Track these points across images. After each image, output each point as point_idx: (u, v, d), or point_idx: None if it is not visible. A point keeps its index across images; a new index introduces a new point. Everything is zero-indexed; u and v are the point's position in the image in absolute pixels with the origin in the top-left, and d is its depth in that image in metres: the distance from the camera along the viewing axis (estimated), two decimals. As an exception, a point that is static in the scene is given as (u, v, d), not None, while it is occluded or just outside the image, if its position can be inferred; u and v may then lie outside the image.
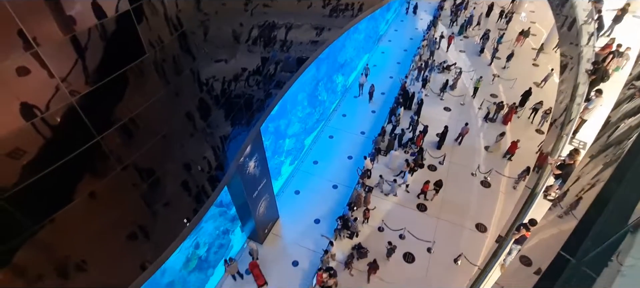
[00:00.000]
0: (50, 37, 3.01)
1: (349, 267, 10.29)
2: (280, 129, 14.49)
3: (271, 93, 8.29)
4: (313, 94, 16.46)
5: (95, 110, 3.64)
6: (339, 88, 18.56)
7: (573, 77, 11.12)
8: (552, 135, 10.78)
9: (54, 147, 3.40)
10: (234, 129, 6.98)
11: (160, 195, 5.21)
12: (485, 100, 16.97)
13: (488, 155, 14.45)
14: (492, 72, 18.98)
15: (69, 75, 3.26)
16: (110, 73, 3.63)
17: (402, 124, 15.70)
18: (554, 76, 17.83)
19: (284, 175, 14.07)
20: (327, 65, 17.46)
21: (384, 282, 10.41)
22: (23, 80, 2.95)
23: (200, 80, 5.33)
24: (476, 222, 12.02)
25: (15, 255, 3.44)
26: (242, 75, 6.69)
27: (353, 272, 10.63)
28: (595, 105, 8.44)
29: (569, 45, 13.46)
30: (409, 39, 22.91)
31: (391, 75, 19.67)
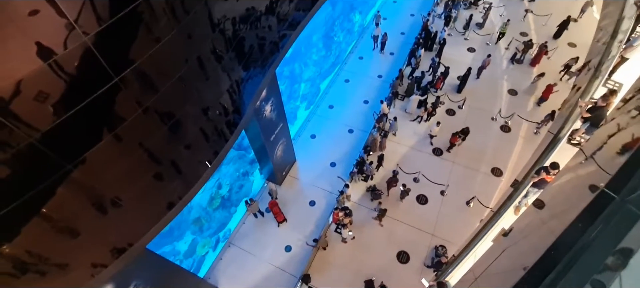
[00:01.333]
0: (55, -28, 2.88)
1: (379, 219, 10.67)
2: (295, 72, 14.18)
3: (285, 33, 7.94)
4: (328, 35, 15.70)
5: (110, 51, 3.60)
6: (356, 28, 17.57)
7: (618, 9, 9.97)
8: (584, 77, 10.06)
9: (74, 89, 3.45)
10: (249, 71, 6.85)
11: (181, 138, 5.37)
12: (514, 39, 15.73)
13: (511, 99, 13.82)
14: (524, 7, 17.28)
15: (80, 14, 3.17)
16: (119, 10, 3.51)
17: (422, 66, 14.98)
18: (593, 10, 16.10)
19: (300, 119, 14.12)
20: (344, 2, 16.32)
21: (396, 221, 10.87)
22: (35, 20, 2.90)
23: (212, 19, 5.11)
24: (492, 166, 11.96)
25: (54, 193, 3.73)
26: (255, 15, 6.36)
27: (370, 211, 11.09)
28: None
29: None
30: (434, -29, 20.80)
31: (412, 12, 18.31)
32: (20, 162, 3.31)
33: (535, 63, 14.69)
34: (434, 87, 14.06)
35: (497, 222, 7.32)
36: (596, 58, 9.69)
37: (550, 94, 12.99)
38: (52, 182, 3.65)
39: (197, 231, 11.10)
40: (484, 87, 14.26)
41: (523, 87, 14.19)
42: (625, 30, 8.67)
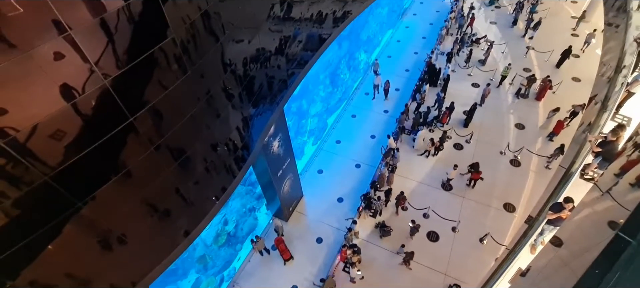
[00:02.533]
0: (81, 22, 3.10)
1: (407, 264, 10.29)
2: (303, 108, 14.49)
3: (294, 72, 8.24)
4: (335, 73, 16.21)
5: (127, 92, 3.76)
6: (362, 66, 18.14)
7: (619, 46, 10.18)
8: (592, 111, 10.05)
9: (91, 128, 3.57)
10: (258, 108, 7.04)
11: (190, 174, 5.42)
12: (518, 74, 15.99)
13: (518, 133, 13.77)
14: (526, 45, 17.75)
15: (100, 58, 3.37)
16: (139, 55, 3.72)
17: (428, 101, 15.20)
18: (596, 44, 16.43)
19: (307, 154, 14.19)
20: (350, 42, 17.02)
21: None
22: (59, 64, 3.08)
23: (224, 60, 5.36)
24: (504, 201, 11.64)
25: (63, 229, 3.74)
26: (265, 55, 6.66)
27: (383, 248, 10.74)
28: (645, 79, 7.73)
29: (615, 11, 12.26)
30: (435, 12, 21.78)
31: (416, 50, 18.92)
32: (31, 200, 3.36)
33: (541, 97, 14.78)
34: (440, 122, 14.14)
35: (514, 261, 6.98)
36: (602, 92, 9.74)
37: (561, 130, 12.94)
38: (60, 220, 3.67)
39: (201, 269, 10.81)
40: (491, 122, 14.29)
41: (530, 121, 14.18)
42: (628, 65, 8.78)
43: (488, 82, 14.67)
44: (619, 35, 10.87)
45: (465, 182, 12.18)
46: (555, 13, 19.69)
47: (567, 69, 16.03)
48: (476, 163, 11.70)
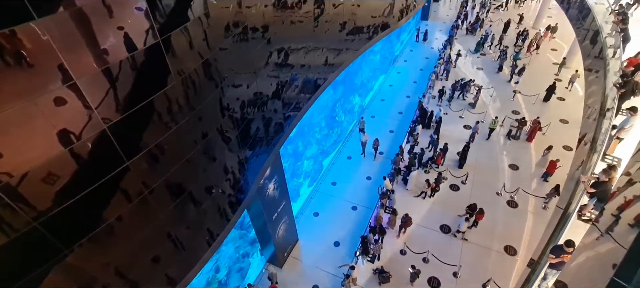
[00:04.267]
0: (85, 70, 3.22)
1: None
2: (299, 150, 14.58)
3: (290, 115, 8.43)
4: (330, 115, 16.58)
5: (125, 137, 3.80)
6: (356, 108, 18.63)
7: (600, 90, 10.68)
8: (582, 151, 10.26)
9: (86, 173, 3.55)
10: (255, 151, 7.08)
11: (183, 218, 5.29)
12: (507, 117, 16.51)
13: (513, 174, 13.88)
14: (512, 89, 18.55)
15: (101, 103, 3.45)
16: (140, 101, 3.81)
17: (422, 143, 15.45)
18: (578, 88, 17.22)
19: (303, 196, 14.01)
20: (344, 86, 17.65)
21: (409, 309, 9.93)
22: (60, 109, 3.14)
23: (223, 105, 5.50)
24: (505, 244, 11.39)
25: (45, 278, 3.54)
26: (263, 99, 6.86)
27: (375, 298, 10.21)
28: (631, 124, 8.02)
29: (593, 58, 13.05)
30: (425, 59, 22.95)
31: (408, 94, 19.61)
32: (16, 246, 3.23)
33: (531, 138, 15.14)
34: (435, 163, 14.25)
35: (519, 308, 6.66)
36: (590, 133, 10.02)
37: (554, 169, 13.09)
38: (44, 268, 3.50)
39: (189, 322, 10.09)
40: (485, 163, 14.44)
41: (523, 161, 14.38)
42: (611, 107, 9.15)
43: (477, 120, 15.18)
44: (599, 80, 11.46)
45: (465, 224, 11.99)
46: (538, 60, 20.87)
47: (554, 111, 16.62)
48: (474, 204, 11.62)
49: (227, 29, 5.19)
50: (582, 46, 15.02)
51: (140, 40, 3.62)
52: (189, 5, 4.18)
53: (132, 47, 3.54)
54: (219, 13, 4.88)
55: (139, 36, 3.59)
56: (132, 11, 3.48)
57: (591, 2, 14.17)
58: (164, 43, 3.86)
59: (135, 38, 3.56)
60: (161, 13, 3.77)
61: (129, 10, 3.46)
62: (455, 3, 30.41)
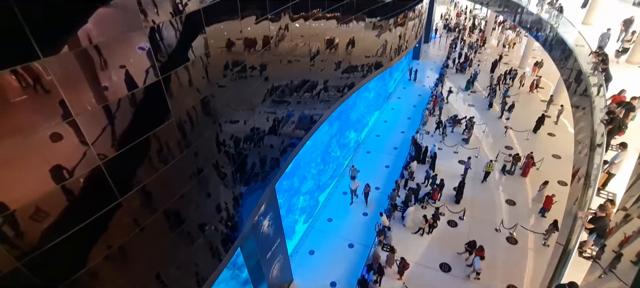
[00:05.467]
0: (85, 106, 3.26)
1: None
2: (294, 186, 14.45)
3: (286, 150, 8.46)
4: (326, 151, 16.66)
5: (120, 172, 3.76)
6: (352, 144, 18.80)
7: (589, 126, 10.98)
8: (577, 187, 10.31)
9: (75, 211, 3.46)
10: (250, 187, 7.01)
11: (173, 258, 5.10)
12: (501, 152, 16.73)
13: (510, 209, 13.78)
14: (504, 125, 18.98)
15: (98, 139, 3.45)
16: (136, 137, 3.83)
17: (418, 178, 15.44)
18: (567, 124, 17.67)
19: (298, 233, 13.65)
20: (340, 122, 17.94)
21: None
22: (56, 145, 3.13)
23: (219, 140, 5.53)
24: (507, 283, 11.02)
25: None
26: (259, 135, 6.91)
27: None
28: (621, 159, 8.17)
29: (578, 96, 13.55)
30: (418, 96, 23.63)
31: (402, 130, 19.94)
32: None
33: (526, 173, 15.24)
34: (431, 199, 14.15)
35: None
36: (583, 168, 10.14)
37: (551, 204, 13.05)
38: (23, 313, 3.29)
39: None
40: (482, 198, 14.38)
41: (520, 197, 14.35)
42: (601, 143, 9.35)
43: (469, 156, 15.37)
44: (586, 116, 11.82)
45: (465, 262, 11.68)
46: (527, 97, 21.59)
47: (546, 146, 16.91)
48: (473, 241, 11.40)
49: (226, 67, 5.37)
50: (567, 84, 15.65)
51: (141, 78, 3.72)
52: (190, 46, 4.35)
53: (132, 85, 3.62)
54: (218, 52, 5.07)
55: (140, 74, 3.69)
56: (134, 50, 3.61)
57: (572, 44, 15.00)
58: (164, 81, 3.96)
59: (136, 76, 3.65)
60: (163, 53, 3.90)
61: (132, 49, 3.58)
62: (445, 44, 31.97)
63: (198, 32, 4.45)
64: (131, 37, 3.51)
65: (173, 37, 4.02)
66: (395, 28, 15.04)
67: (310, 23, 7.97)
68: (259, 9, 5.87)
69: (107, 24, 3.22)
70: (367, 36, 12.19)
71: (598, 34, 14.79)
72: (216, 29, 4.81)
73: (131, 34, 3.50)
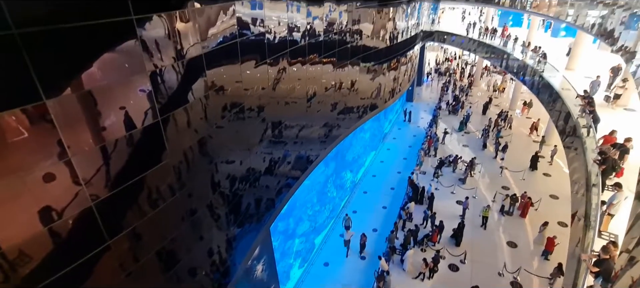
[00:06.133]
0: (82, 147, 3.26)
1: None
2: (290, 227, 14.07)
3: (281, 191, 8.36)
4: (322, 191, 16.48)
5: (111, 214, 3.66)
6: (348, 184, 18.67)
7: (583, 166, 11.10)
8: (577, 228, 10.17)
9: (61, 254, 3.31)
10: (244, 228, 6.82)
11: (161, 306, 4.79)
12: (498, 192, 16.67)
13: (512, 252, 13.41)
14: (499, 165, 19.13)
15: (91, 179, 3.40)
16: (131, 177, 3.78)
17: (416, 218, 15.17)
18: (561, 163, 17.84)
19: (293, 279, 13.02)
20: (336, 162, 17.96)
21: None
22: (48, 186, 3.08)
23: (214, 181, 5.48)
24: (514, 333, 10.40)
25: None
26: (255, 175, 6.87)
27: None
28: (619, 200, 8.18)
29: (569, 136, 13.86)
30: (413, 136, 23.99)
31: (399, 170, 19.96)
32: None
33: (524, 214, 15.06)
34: (431, 241, 13.79)
35: None
36: (581, 209, 10.07)
37: (553, 247, 12.75)
38: None
39: None
40: (482, 240, 14.04)
41: (521, 239, 14.04)
42: (596, 183, 9.39)
43: (467, 196, 15.26)
44: (579, 156, 11.99)
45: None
46: (519, 138, 22.02)
47: (543, 187, 16.91)
48: (476, 287, 10.93)
49: (225, 108, 5.48)
50: (557, 125, 16.08)
51: (140, 119, 3.77)
52: (190, 88, 4.48)
53: (131, 126, 3.66)
54: (218, 94, 5.20)
55: (139, 115, 3.75)
56: (135, 92, 3.70)
57: (559, 88, 15.66)
58: (163, 122, 4.02)
59: (135, 117, 3.71)
60: (163, 94, 4.00)
61: (133, 91, 3.67)
62: (436, 87, 33.19)
63: (199, 75, 4.60)
64: (133, 80, 3.62)
65: (174, 80, 4.15)
66: (389, 72, 15.70)
67: (307, 67, 8.31)
68: (259, 54, 6.14)
69: (111, 68, 3.34)
70: (362, 79, 12.66)
71: (581, 78, 15.53)
72: (216, 73, 4.98)
73: (134, 77, 3.61)
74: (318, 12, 8.30)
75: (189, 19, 4.21)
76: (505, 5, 24.92)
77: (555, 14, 20.51)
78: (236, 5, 5.15)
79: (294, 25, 7.27)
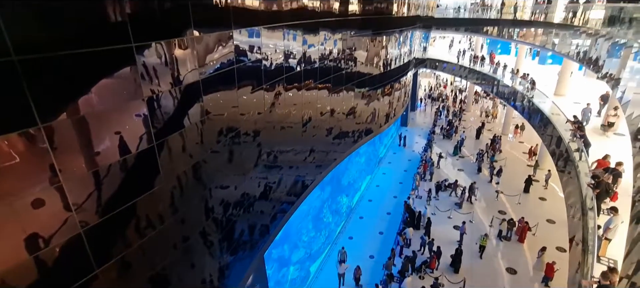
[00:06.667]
0: (74, 172, 3.21)
1: None
2: (284, 255, 13.71)
3: (276, 216, 8.23)
4: (318, 216, 16.24)
5: (100, 241, 3.56)
6: (344, 209, 18.46)
7: (577, 190, 11.15)
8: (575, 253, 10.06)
9: (45, 284, 3.17)
10: (237, 256, 6.64)
11: (148, 340, 4.55)
12: (495, 217, 16.57)
13: (512, 278, 13.15)
14: (495, 189, 19.15)
15: (82, 205, 3.33)
16: (123, 203, 3.71)
17: (414, 245, 14.92)
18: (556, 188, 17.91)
19: (288, 310, 12.54)
20: (332, 187, 17.84)
21: None
22: (36, 212, 3.00)
23: (208, 207, 5.39)
24: None
25: None
26: (249, 200, 6.78)
27: None
28: (616, 224, 8.17)
29: (562, 160, 14.03)
30: (408, 161, 24.08)
31: (395, 195, 19.85)
32: None
33: (522, 239, 14.91)
34: (429, 268, 13.50)
35: None
36: (578, 233, 10.02)
37: (553, 273, 12.54)
38: None
39: None
40: (481, 267, 13.78)
41: (520, 265, 13.82)
42: (592, 207, 9.40)
43: (464, 221, 15.11)
44: (573, 180, 12.08)
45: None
46: (513, 161, 22.21)
47: (539, 211, 16.87)
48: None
49: (221, 133, 5.49)
50: (549, 149, 16.30)
51: (135, 144, 3.75)
52: (186, 114, 4.50)
53: (125, 151, 3.64)
54: (214, 119, 5.23)
55: (134, 140, 3.74)
56: (131, 117, 3.70)
57: (549, 113, 16.03)
58: (158, 147, 4.00)
59: (130, 142, 3.69)
60: (159, 119, 4.01)
61: (129, 116, 3.68)
62: (430, 112, 33.76)
63: (195, 100, 4.65)
64: (130, 105, 3.64)
65: (171, 105, 4.18)
66: (383, 97, 15.99)
67: (303, 92, 8.44)
68: (255, 80, 6.24)
69: (108, 93, 3.36)
70: (357, 104, 12.86)
71: (570, 104, 15.92)
72: (213, 98, 5.03)
73: (130, 103, 3.63)
74: (314, 40, 8.56)
75: (188, 46, 4.31)
76: (493, 34, 25.91)
77: (541, 43, 21.36)
78: (234, 34, 5.30)
79: (290, 52, 7.47)
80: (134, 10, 3.39)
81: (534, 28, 21.73)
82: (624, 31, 12.75)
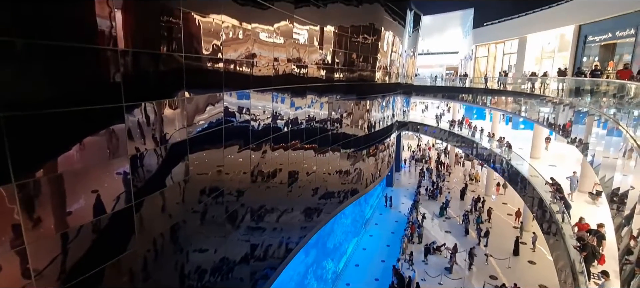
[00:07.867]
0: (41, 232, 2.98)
1: None
2: (265, 328, 12.47)
3: (257, 283, 7.67)
4: (302, 283, 15.23)
5: (57, 314, 3.17)
6: (330, 275, 17.45)
7: (565, 253, 11.08)
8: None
9: None
10: (212, 331, 5.98)
11: None
12: (486, 282, 15.99)
13: None
14: (484, 252, 18.79)
15: (43, 271, 3.03)
16: (90, 269, 3.41)
17: (404, 315, 13.95)
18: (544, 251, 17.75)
19: None
20: (317, 250, 17.07)
21: None
22: (-10, 280, 2.70)
23: (183, 273, 5.00)
24: None
25: None
26: (228, 266, 6.36)
27: None
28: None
29: (545, 222, 14.14)
30: (395, 222, 23.71)
31: (382, 258, 19.10)
32: None
33: (517, 307, 14.25)
34: (422, 341, 12.48)
35: None
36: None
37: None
38: None
39: None
40: (476, 338, 12.86)
41: (516, 335, 12.99)
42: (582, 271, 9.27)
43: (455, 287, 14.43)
44: (559, 243, 12.06)
45: None
46: (499, 223, 22.21)
47: (531, 276, 16.45)
48: None
49: (203, 192, 5.34)
50: (532, 211, 16.51)
51: (111, 204, 3.59)
52: (170, 172, 4.42)
53: (100, 211, 3.46)
54: (197, 178, 5.13)
55: (110, 200, 3.58)
56: (112, 176, 3.59)
57: (527, 175, 16.59)
58: (136, 206, 3.83)
59: (107, 201, 3.53)
60: (140, 178, 3.91)
61: (109, 174, 3.57)
62: (414, 172, 34.35)
63: (180, 159, 4.60)
64: (112, 163, 3.56)
65: (154, 163, 4.11)
66: (369, 158, 16.31)
67: (290, 152, 8.53)
68: (242, 139, 6.31)
69: (91, 151, 3.30)
70: (343, 165, 13.01)
71: (546, 166, 16.61)
72: (198, 157, 5.00)
73: (113, 160, 3.56)
74: (301, 102, 8.94)
75: (178, 106, 4.41)
76: (469, 100, 27.84)
77: (512, 110, 22.98)
78: (224, 95, 5.48)
79: (278, 113, 7.71)
80: (128, 72, 3.50)
81: (503, 96, 23.58)
82: (584, 101, 13.97)
